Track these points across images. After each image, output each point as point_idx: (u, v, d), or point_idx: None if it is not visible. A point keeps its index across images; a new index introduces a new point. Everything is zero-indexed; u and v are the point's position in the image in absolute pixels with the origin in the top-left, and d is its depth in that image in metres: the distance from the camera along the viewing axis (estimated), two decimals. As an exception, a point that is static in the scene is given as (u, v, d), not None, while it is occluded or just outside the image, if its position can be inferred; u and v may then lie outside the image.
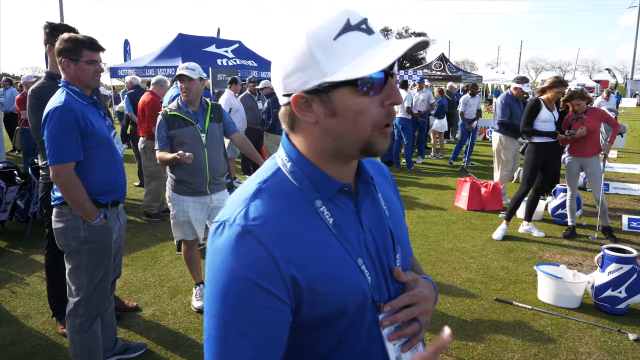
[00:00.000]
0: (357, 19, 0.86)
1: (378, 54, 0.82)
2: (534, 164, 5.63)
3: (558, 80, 5.54)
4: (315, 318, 0.88)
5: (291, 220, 0.88)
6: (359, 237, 0.94)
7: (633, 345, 3.46)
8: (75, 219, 2.64)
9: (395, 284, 0.98)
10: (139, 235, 5.77)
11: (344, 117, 0.87)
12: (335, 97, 0.86)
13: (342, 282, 0.89)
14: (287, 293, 0.85)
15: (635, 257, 3.91)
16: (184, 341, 3.44)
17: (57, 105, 2.51)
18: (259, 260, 0.83)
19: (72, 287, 2.73)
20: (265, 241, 0.84)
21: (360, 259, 0.92)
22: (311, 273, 0.86)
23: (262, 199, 0.89)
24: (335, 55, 0.83)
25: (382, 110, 0.87)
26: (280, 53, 0.89)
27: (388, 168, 1.20)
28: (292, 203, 0.90)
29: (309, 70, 0.85)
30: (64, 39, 2.59)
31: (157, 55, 13.60)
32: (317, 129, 0.90)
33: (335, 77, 0.83)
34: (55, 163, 2.51)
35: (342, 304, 0.89)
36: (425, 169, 10.41)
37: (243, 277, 0.82)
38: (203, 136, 3.67)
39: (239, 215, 0.87)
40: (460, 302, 4.10)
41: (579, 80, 35.45)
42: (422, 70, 20.13)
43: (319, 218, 0.91)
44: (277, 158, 0.97)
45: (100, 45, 2.68)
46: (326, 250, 0.89)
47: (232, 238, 0.85)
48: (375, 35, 0.87)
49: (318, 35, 0.84)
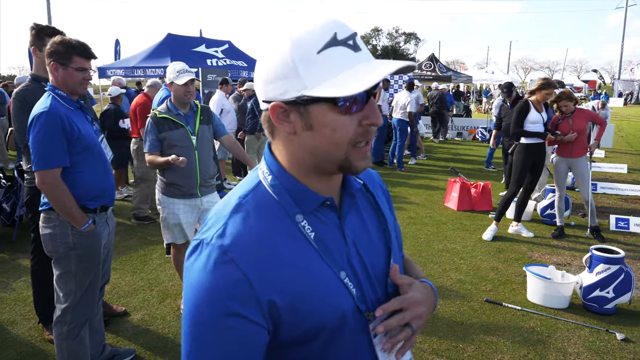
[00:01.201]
0: (345, 34, 0.84)
1: (360, 74, 0.81)
2: (523, 164, 5.66)
3: (547, 82, 5.58)
4: (296, 337, 0.88)
5: (270, 239, 0.87)
6: (341, 250, 0.93)
7: (621, 345, 3.49)
8: (63, 224, 2.60)
9: (382, 294, 0.97)
10: (128, 239, 5.72)
11: (319, 133, 0.85)
12: (313, 111, 0.84)
13: (321, 299, 0.88)
14: (263, 315, 0.84)
15: (622, 258, 3.94)
16: (174, 346, 3.41)
17: (42, 110, 2.48)
18: (234, 283, 0.82)
19: (59, 293, 2.69)
20: (241, 263, 0.83)
21: (343, 272, 0.91)
22: (291, 294, 0.85)
23: (242, 216, 0.88)
24: (317, 69, 0.82)
25: (360, 129, 0.86)
26: (264, 57, 0.87)
27: (377, 173, 1.19)
28: (272, 219, 0.89)
29: (289, 80, 0.83)
30: (56, 42, 2.54)
31: (146, 55, 13.49)
32: (296, 139, 0.89)
33: (313, 91, 0.81)
34: (41, 169, 2.48)
35: (321, 321, 0.88)
36: (415, 169, 10.43)
37: (216, 300, 0.82)
38: (193, 138, 3.64)
39: (216, 235, 0.86)
40: (450, 303, 4.11)
41: (567, 81, 35.76)
42: (413, 71, 20.14)
43: (299, 233, 0.90)
44: (259, 171, 0.96)
45: (92, 52, 2.63)
46: (307, 267, 0.88)
47: (208, 259, 0.84)
48: (361, 52, 0.85)
49: (302, 45, 0.82)
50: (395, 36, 68.80)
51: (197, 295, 0.84)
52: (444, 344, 3.46)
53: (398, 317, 0.93)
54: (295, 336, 0.88)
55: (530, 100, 5.60)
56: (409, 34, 69.02)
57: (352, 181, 0.99)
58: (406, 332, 0.94)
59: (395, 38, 68.69)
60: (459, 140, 15.84)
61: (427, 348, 3.40)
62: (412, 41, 68.97)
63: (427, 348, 3.40)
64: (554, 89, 5.72)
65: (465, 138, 16.09)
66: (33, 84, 3.22)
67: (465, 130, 16.31)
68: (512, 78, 30.85)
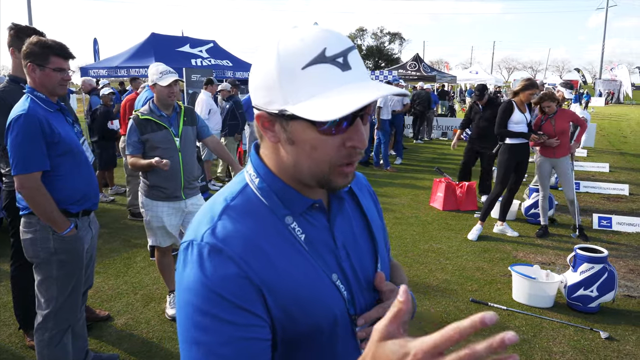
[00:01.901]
0: (335, 50, 0.80)
1: (343, 97, 0.76)
2: (507, 164, 5.70)
3: (530, 83, 5.63)
4: (289, 339, 0.86)
5: (260, 240, 0.85)
6: (332, 253, 0.92)
7: (605, 344, 3.52)
8: (44, 229, 2.54)
9: (370, 297, 0.96)
10: (111, 241, 5.64)
11: (300, 149, 0.84)
12: (293, 127, 0.82)
13: (314, 302, 0.86)
14: (264, 310, 0.82)
15: (606, 257, 3.99)
16: (158, 351, 3.36)
17: (20, 113, 2.41)
18: (232, 278, 0.80)
19: (41, 299, 2.63)
20: (236, 259, 0.81)
21: (334, 274, 0.90)
22: (284, 294, 0.83)
23: (230, 218, 0.86)
24: (300, 86, 0.79)
25: (342, 150, 0.83)
26: (255, 62, 0.85)
27: (364, 175, 1.18)
28: (261, 221, 0.87)
29: (272, 92, 0.81)
30: (32, 42, 2.48)
31: (129, 55, 13.33)
32: (281, 148, 0.87)
33: (294, 109, 0.79)
34: (20, 173, 2.41)
35: (315, 324, 0.87)
36: (400, 169, 10.46)
37: (217, 295, 0.79)
38: (177, 140, 3.59)
39: (206, 234, 0.84)
40: (436, 303, 4.12)
41: (549, 80, 36.20)
42: (398, 71, 20.25)
43: (290, 235, 0.88)
44: (245, 173, 0.94)
45: (70, 52, 2.56)
46: (299, 268, 0.86)
47: (201, 257, 0.81)
48: (350, 72, 0.80)
49: (288, 59, 0.79)
50: (380, 36, 68.99)
51: (194, 295, 0.80)
52: (430, 344, 3.46)
53: None
54: (287, 338, 0.86)
55: (514, 101, 5.64)
56: (394, 34, 69.25)
57: None
58: None
59: (380, 38, 68.87)
60: (443, 140, 15.93)
61: (414, 349, 3.39)
62: (396, 41, 69.20)
63: (414, 349, 3.39)
64: (537, 90, 5.79)
65: (450, 138, 16.17)
66: (11, 85, 3.15)
67: (449, 130, 16.40)
68: (496, 78, 31.17)
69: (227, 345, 0.78)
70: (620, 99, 43.63)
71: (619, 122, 24.17)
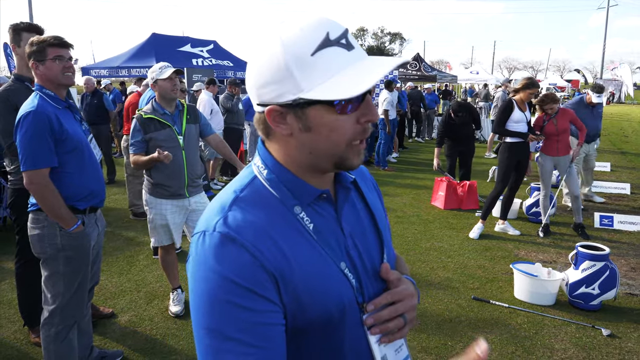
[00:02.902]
0: (337, 33, 0.83)
1: (358, 74, 0.80)
2: (508, 163, 5.72)
3: (530, 82, 5.64)
4: (298, 327, 0.87)
5: (271, 230, 0.86)
6: (339, 242, 0.93)
7: (607, 341, 3.54)
8: (52, 225, 2.56)
9: (378, 286, 0.98)
10: (114, 240, 5.66)
11: (317, 133, 0.85)
12: (310, 113, 0.84)
13: (324, 290, 0.88)
14: (278, 297, 0.83)
15: (607, 255, 4.00)
16: (162, 347, 3.38)
17: (29, 110, 2.44)
18: (246, 265, 0.81)
19: (47, 295, 2.65)
20: (249, 246, 0.82)
21: (342, 262, 0.92)
22: (294, 284, 0.85)
23: (240, 208, 0.87)
24: (313, 71, 0.81)
25: (357, 127, 0.86)
26: (254, 61, 0.86)
27: (367, 169, 1.20)
28: (270, 211, 0.89)
29: (284, 84, 0.83)
30: (31, 43, 2.54)
31: (130, 55, 13.38)
32: (293, 140, 0.89)
33: (311, 94, 0.81)
34: (28, 169, 2.44)
35: (325, 312, 0.88)
36: (401, 169, 10.48)
37: (232, 282, 0.80)
38: (180, 138, 3.61)
39: (218, 224, 0.85)
40: (438, 301, 4.13)
41: (550, 80, 36.20)
42: (398, 70, 20.27)
43: (299, 224, 0.89)
44: (253, 166, 0.96)
45: (65, 41, 2.61)
46: (308, 257, 0.88)
47: (214, 246, 0.83)
48: (354, 50, 0.85)
49: (296, 48, 0.81)
50: (380, 36, 69.06)
51: (209, 283, 0.81)
52: (432, 341, 3.48)
53: (390, 310, 0.94)
54: (296, 327, 0.87)
55: (514, 100, 5.66)
56: (394, 34, 69.35)
57: (345, 175, 1.00)
58: (398, 320, 0.95)
59: (380, 38, 68.96)
60: (444, 140, 15.88)
61: (415, 346, 3.41)
62: (397, 41, 69.31)
63: (415, 346, 3.41)
64: (538, 89, 5.81)
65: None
66: (16, 84, 3.17)
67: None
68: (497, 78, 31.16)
69: (244, 331, 0.80)
70: (621, 98, 43.57)
71: (620, 121, 24.16)
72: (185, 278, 4.46)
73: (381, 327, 0.93)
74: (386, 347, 0.96)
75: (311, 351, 0.91)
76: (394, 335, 0.95)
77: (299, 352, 0.90)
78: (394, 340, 0.96)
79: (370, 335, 0.93)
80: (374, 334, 0.93)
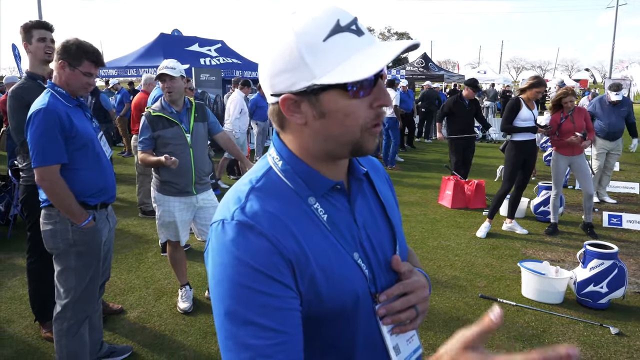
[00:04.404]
0: (347, 20, 0.85)
1: (369, 57, 0.82)
2: (514, 161, 5.70)
3: (538, 81, 5.63)
4: (313, 316, 0.88)
5: (286, 219, 0.87)
6: (353, 233, 0.95)
7: (615, 339, 3.53)
8: (64, 221, 2.60)
9: (390, 277, 0.99)
10: (124, 237, 5.70)
11: (332, 119, 0.87)
12: (324, 99, 0.85)
13: (339, 280, 0.89)
14: (295, 284, 0.85)
15: (616, 253, 3.98)
16: (170, 343, 3.41)
17: (40, 107, 2.48)
18: (265, 251, 0.82)
19: (60, 289, 2.68)
20: (267, 234, 0.83)
21: (356, 253, 0.93)
22: (310, 273, 0.86)
23: (257, 198, 0.89)
24: (325, 57, 0.83)
25: (371, 111, 0.87)
26: (267, 52, 0.88)
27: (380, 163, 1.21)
28: (285, 201, 0.90)
29: (297, 72, 0.84)
30: (71, 41, 2.56)
31: (139, 54, 13.46)
32: (307, 129, 0.90)
33: (324, 79, 0.82)
34: (39, 165, 2.48)
35: (340, 302, 0.89)
36: (409, 168, 10.47)
37: (252, 268, 0.81)
38: (188, 136, 3.64)
39: (236, 212, 0.86)
40: (445, 299, 4.14)
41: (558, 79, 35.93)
42: (405, 69, 20.24)
43: (313, 215, 0.91)
44: (268, 157, 0.97)
45: (102, 60, 2.67)
46: (323, 247, 0.89)
47: (233, 234, 0.84)
48: (365, 36, 0.87)
49: (307, 35, 0.83)
50: (387, 36, 68.89)
51: (229, 270, 0.83)
52: (439, 339, 3.48)
53: (402, 300, 0.95)
54: (311, 316, 0.88)
55: (522, 98, 5.65)
56: (401, 33, 69.19)
57: (357, 167, 1.01)
58: (410, 312, 0.96)
59: (387, 38, 68.77)
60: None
61: (423, 343, 3.42)
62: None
63: (423, 343, 3.42)
64: (544, 87, 5.81)
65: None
66: (29, 82, 3.21)
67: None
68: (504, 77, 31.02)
69: (264, 315, 0.81)
70: (630, 97, 43.24)
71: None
72: (193, 275, 4.49)
73: (393, 318, 0.94)
74: (398, 337, 0.98)
75: (325, 339, 0.92)
76: (405, 326, 0.96)
77: (312, 340, 0.91)
78: (405, 331, 0.97)
79: (383, 325, 0.95)
80: (386, 324, 0.95)
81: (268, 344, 0.80)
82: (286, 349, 0.82)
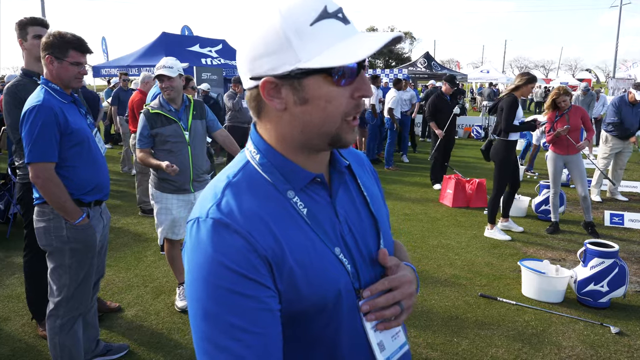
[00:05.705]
0: (334, 7, 0.84)
1: (355, 44, 0.81)
2: (507, 161, 5.63)
3: (532, 76, 5.57)
4: (294, 313, 0.87)
5: (264, 215, 0.85)
6: (334, 227, 0.92)
7: (615, 339, 3.49)
8: (58, 218, 2.58)
9: (374, 272, 0.97)
10: (123, 236, 5.70)
11: (314, 105, 0.84)
12: (307, 84, 0.83)
13: (319, 276, 0.87)
14: (273, 282, 0.83)
15: (616, 252, 3.95)
16: (167, 342, 3.40)
17: (35, 104, 2.46)
18: (240, 250, 0.80)
19: (53, 287, 2.67)
20: (242, 232, 0.81)
21: (337, 248, 0.91)
22: (288, 270, 0.84)
23: (233, 194, 0.87)
24: (312, 41, 0.81)
25: (352, 101, 0.86)
26: (249, 33, 0.85)
27: (366, 156, 1.18)
28: (263, 196, 0.88)
29: (281, 55, 0.82)
30: (52, 34, 2.53)
31: (140, 53, 13.46)
32: (286, 115, 0.87)
33: (310, 63, 0.80)
34: (34, 162, 2.46)
35: (320, 298, 0.87)
36: (410, 167, 10.43)
37: (226, 268, 0.80)
38: (186, 134, 3.63)
39: (211, 210, 0.84)
40: (445, 298, 4.11)
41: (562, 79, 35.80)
42: (408, 69, 20.21)
43: (292, 209, 0.89)
44: (246, 151, 0.95)
45: (88, 47, 2.63)
46: (302, 242, 0.87)
47: (208, 232, 0.82)
48: (350, 25, 0.86)
49: (294, 18, 0.81)
50: (390, 35, 68.81)
51: (204, 270, 0.81)
52: (438, 338, 3.46)
53: (387, 297, 0.93)
54: (292, 313, 0.86)
55: (516, 96, 5.60)
56: (405, 32, 69.11)
57: (339, 159, 0.99)
58: (395, 308, 0.94)
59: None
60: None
61: (421, 342, 3.39)
62: (407, 40, 68.99)
63: (421, 342, 3.39)
64: (535, 82, 5.81)
65: (460, 136, 16.11)
66: (24, 79, 3.20)
67: (460, 128, 16.33)
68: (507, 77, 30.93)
69: (239, 316, 0.79)
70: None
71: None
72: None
73: (377, 314, 0.92)
74: (382, 333, 0.96)
75: (307, 336, 0.90)
76: (389, 322, 0.95)
77: (295, 338, 0.90)
78: (390, 327, 0.95)
79: (366, 321, 0.93)
80: (370, 320, 0.92)
81: (243, 346, 0.79)
82: (262, 350, 0.80)
